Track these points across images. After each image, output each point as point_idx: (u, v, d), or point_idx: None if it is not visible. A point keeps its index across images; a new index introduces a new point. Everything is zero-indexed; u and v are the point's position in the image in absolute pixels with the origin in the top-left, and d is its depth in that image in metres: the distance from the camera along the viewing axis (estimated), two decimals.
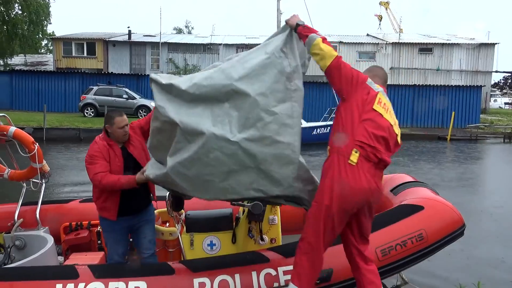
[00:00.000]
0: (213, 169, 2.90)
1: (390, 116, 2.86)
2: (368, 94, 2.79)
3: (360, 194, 2.70)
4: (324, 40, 2.77)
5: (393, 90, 26.49)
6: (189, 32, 54.41)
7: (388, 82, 21.03)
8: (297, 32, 2.87)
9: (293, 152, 2.87)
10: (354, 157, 2.66)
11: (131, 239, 4.06)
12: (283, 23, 3.14)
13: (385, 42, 34.07)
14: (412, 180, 4.82)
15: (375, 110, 2.77)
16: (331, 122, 19.01)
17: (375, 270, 3.07)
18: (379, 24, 43.05)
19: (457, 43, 33.98)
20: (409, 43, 34.02)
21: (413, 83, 29.12)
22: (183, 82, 3.00)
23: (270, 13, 21.60)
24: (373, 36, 37.55)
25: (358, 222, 2.94)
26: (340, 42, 33.62)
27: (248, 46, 33.05)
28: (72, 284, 3.19)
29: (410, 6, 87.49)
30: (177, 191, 3.26)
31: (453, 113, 23.56)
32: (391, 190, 4.65)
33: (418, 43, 34.13)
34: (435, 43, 34.14)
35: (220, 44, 33.24)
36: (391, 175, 5.15)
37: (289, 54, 2.93)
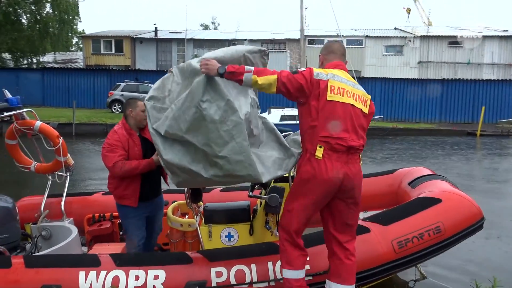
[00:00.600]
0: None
1: (348, 96, 2.91)
2: (319, 88, 2.86)
3: (328, 184, 2.87)
4: (256, 72, 2.80)
5: (421, 85, 25.96)
6: (215, 28, 54.69)
7: (416, 77, 20.72)
8: (226, 78, 2.86)
9: (254, 173, 3.07)
10: (319, 152, 2.85)
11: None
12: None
13: (413, 36, 33.29)
14: (431, 173, 4.75)
15: (330, 101, 2.86)
16: None
17: (351, 266, 3.11)
18: (408, 17, 42.13)
19: (489, 35, 32.86)
20: (438, 36, 33.12)
21: (442, 77, 28.39)
22: (162, 122, 3.19)
23: (295, 7, 21.61)
24: (401, 30, 36.75)
25: (337, 210, 3.04)
26: (366, 36, 33.09)
27: (273, 42, 33.01)
28: (95, 272, 3.33)
29: None
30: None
31: (483, 107, 22.87)
32: (409, 183, 4.61)
33: (448, 36, 33.19)
34: (465, 36, 33.12)
35: (245, 40, 33.27)
36: (409, 168, 5.08)
37: (213, 98, 2.94)
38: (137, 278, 3.33)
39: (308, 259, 3.37)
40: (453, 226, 3.72)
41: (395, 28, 38.22)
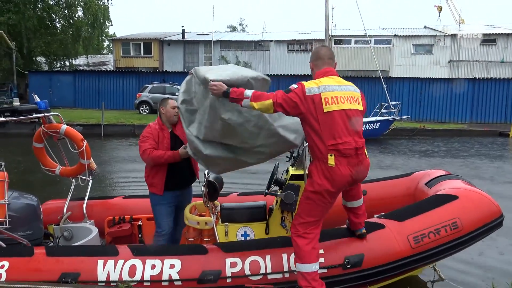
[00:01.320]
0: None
1: (342, 101, 3.12)
2: (314, 103, 3.07)
3: (342, 185, 3.18)
4: (253, 99, 3.07)
5: (451, 84, 25.28)
6: (243, 30, 55.00)
7: (446, 76, 20.16)
8: (229, 101, 3.20)
9: (289, 143, 3.66)
10: (331, 160, 3.07)
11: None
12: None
13: (443, 34, 32.45)
14: (446, 173, 4.68)
15: (327, 112, 3.07)
16: (381, 118, 18.58)
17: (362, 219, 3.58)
18: (439, 16, 41.13)
19: None
20: (471, 34, 32.14)
21: (474, 77, 27.54)
22: (197, 127, 3.68)
23: (322, 8, 21.41)
24: (431, 28, 35.90)
25: (346, 191, 3.46)
26: (395, 36, 32.49)
27: (299, 42, 32.90)
28: (112, 260, 3.45)
29: None
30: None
31: None
32: (426, 184, 4.57)
33: (481, 34, 32.15)
34: (499, 34, 32.01)
35: (271, 41, 33.30)
36: (426, 170, 5.04)
37: (231, 107, 3.34)
38: (153, 267, 3.43)
39: (322, 252, 3.44)
40: (471, 222, 3.65)
41: (425, 27, 37.38)
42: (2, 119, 4.04)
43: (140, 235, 5.02)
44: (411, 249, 3.53)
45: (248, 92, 3.10)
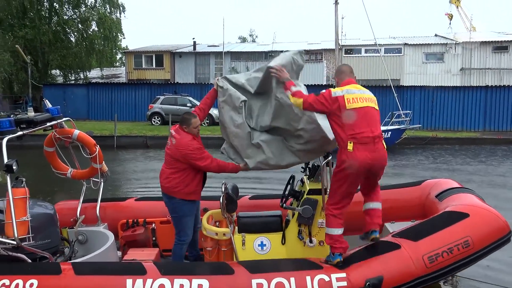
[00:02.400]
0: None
1: (362, 101, 3.82)
2: (338, 102, 3.78)
3: (360, 166, 3.73)
4: (293, 94, 3.89)
5: (463, 92, 25.11)
6: (253, 41, 55.36)
7: (458, 84, 20.12)
8: (283, 85, 4.03)
9: (325, 135, 4.13)
10: (350, 146, 3.72)
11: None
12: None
13: (454, 42, 32.33)
14: (458, 186, 4.74)
15: (349, 109, 3.77)
16: (392, 127, 18.52)
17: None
18: (449, 23, 41.02)
19: None
20: (482, 41, 31.99)
21: (486, 84, 27.32)
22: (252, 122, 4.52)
23: (331, 17, 21.56)
24: (442, 36, 35.78)
25: (366, 182, 4.03)
26: (405, 44, 32.47)
27: (309, 52, 33.02)
28: (141, 280, 3.52)
29: (484, 2, 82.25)
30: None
31: None
32: (436, 196, 4.64)
33: (492, 41, 31.99)
34: (511, 41, 31.80)
35: (281, 51, 33.40)
36: (436, 180, 5.08)
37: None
38: (181, 286, 3.50)
39: (344, 275, 3.63)
40: (481, 240, 3.80)
41: (436, 35, 37.28)
42: (20, 133, 4.02)
43: (154, 238, 5.08)
44: (426, 268, 3.66)
45: (293, 88, 3.89)
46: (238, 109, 4.36)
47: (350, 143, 3.71)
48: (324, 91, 3.87)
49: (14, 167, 3.63)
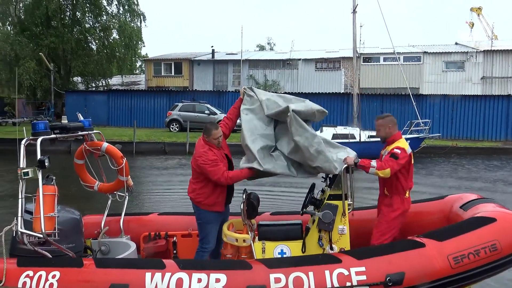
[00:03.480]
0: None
1: (412, 157, 4.49)
2: (409, 159, 4.40)
3: (409, 206, 4.52)
4: (378, 168, 4.20)
5: (484, 101, 24.74)
6: (271, 49, 55.59)
7: (479, 93, 20.02)
8: (358, 166, 4.27)
9: (335, 169, 4.36)
10: (407, 193, 4.46)
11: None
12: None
13: (475, 50, 31.89)
14: (480, 197, 4.70)
15: (412, 163, 4.49)
16: (411, 136, 18.29)
17: None
18: (471, 32, 40.55)
19: None
20: (504, 50, 31.46)
21: (508, 93, 26.84)
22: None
23: (350, 25, 21.45)
24: (463, 45, 35.35)
25: None
26: (425, 52, 32.17)
27: (327, 60, 33.00)
28: (160, 273, 3.57)
29: (506, 10, 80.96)
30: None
31: None
32: (461, 207, 4.58)
33: None
34: None
35: (299, 59, 33.56)
36: (459, 194, 5.05)
37: (301, 132, 4.29)
38: (199, 280, 3.53)
39: (364, 269, 3.60)
40: (510, 245, 3.70)
41: (456, 43, 36.86)
42: (53, 135, 4.24)
43: (175, 252, 5.13)
44: (451, 269, 3.58)
45: (374, 163, 4.22)
46: (265, 120, 4.55)
47: (407, 191, 4.44)
48: (399, 151, 4.27)
49: (46, 163, 3.80)
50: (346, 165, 4.27)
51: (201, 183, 4.47)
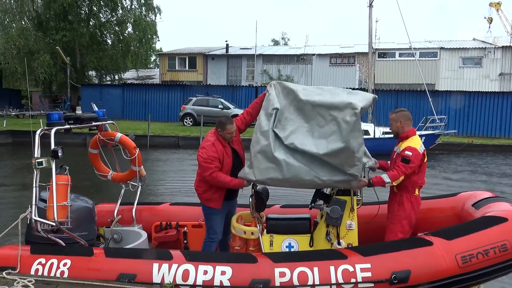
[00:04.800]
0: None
1: (425, 156, 4.42)
2: (422, 157, 4.32)
3: (419, 204, 4.49)
4: (392, 180, 4.18)
5: (501, 98, 24.31)
6: (285, 44, 55.40)
7: (497, 90, 19.72)
8: (374, 184, 4.23)
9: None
10: (416, 191, 4.43)
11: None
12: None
13: (493, 46, 31.29)
14: (493, 195, 4.62)
15: (424, 162, 4.40)
16: (426, 132, 18.09)
17: None
18: (489, 27, 39.72)
19: None
20: None
21: None
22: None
23: (365, 20, 21.36)
24: (480, 40, 34.71)
25: None
26: (441, 48, 31.69)
27: (342, 56, 32.75)
28: (167, 265, 3.63)
29: None
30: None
31: None
32: (473, 205, 4.52)
33: None
34: None
35: (313, 54, 33.37)
36: (472, 192, 4.97)
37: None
38: (205, 272, 3.58)
39: (369, 266, 3.58)
40: None
41: (474, 39, 36.22)
42: (67, 126, 4.32)
43: (185, 241, 5.19)
44: (459, 268, 3.54)
45: (387, 179, 4.17)
46: (269, 116, 4.17)
47: (417, 189, 4.39)
48: (409, 153, 4.22)
49: (59, 154, 3.88)
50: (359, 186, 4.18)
51: (199, 176, 4.51)
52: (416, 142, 4.32)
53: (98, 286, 3.38)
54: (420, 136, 17.85)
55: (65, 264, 3.69)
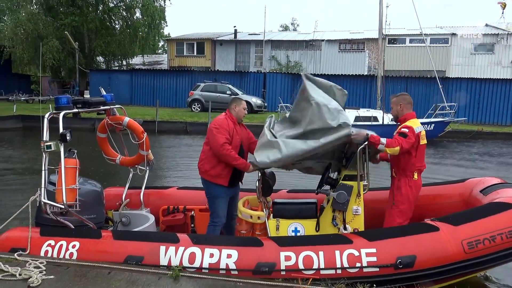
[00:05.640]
0: None
1: (424, 138, 4.41)
2: (417, 138, 4.30)
3: (419, 188, 4.46)
4: (387, 145, 4.18)
5: None
6: (294, 29, 54.87)
7: (509, 77, 19.38)
8: (369, 141, 4.16)
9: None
10: (416, 175, 4.41)
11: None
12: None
13: (506, 33, 30.70)
14: (502, 182, 4.58)
15: (421, 144, 4.37)
16: (435, 119, 17.93)
17: None
18: (502, 13, 38.94)
19: None
20: None
21: None
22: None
23: (375, 6, 21.07)
24: (493, 26, 34.08)
25: None
26: (453, 34, 31.18)
27: (351, 42, 32.37)
28: (174, 247, 3.68)
29: None
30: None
31: None
32: (481, 191, 4.52)
33: None
34: None
35: (322, 40, 33.04)
36: (480, 178, 4.94)
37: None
38: (211, 255, 3.62)
39: (375, 250, 3.58)
40: None
41: (486, 25, 35.56)
42: (75, 110, 4.35)
43: (192, 225, 5.24)
44: (465, 254, 3.54)
45: (383, 140, 4.19)
46: (268, 124, 4.57)
47: (415, 173, 4.36)
48: (406, 130, 4.24)
49: (67, 137, 3.92)
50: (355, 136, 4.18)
51: (209, 152, 4.53)
52: (413, 123, 4.34)
53: (108, 268, 3.42)
54: (430, 123, 17.82)
55: (74, 246, 3.75)
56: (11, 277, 3.29)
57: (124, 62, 34.68)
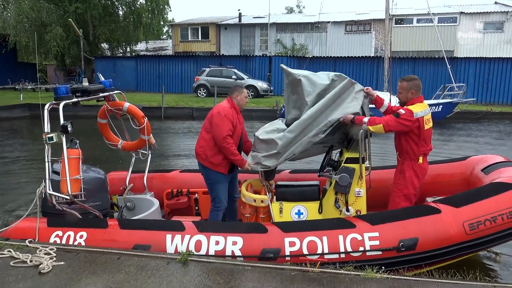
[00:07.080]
0: None
1: (430, 121, 4.28)
2: (419, 122, 4.13)
3: (425, 172, 4.37)
4: (369, 123, 4.05)
5: None
6: (300, 12, 54.20)
7: None
8: (354, 121, 4.12)
9: None
10: (421, 159, 4.31)
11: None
12: None
13: None
14: (505, 160, 4.55)
15: (426, 129, 4.21)
16: (444, 100, 17.74)
17: None
18: None
19: None
20: None
21: None
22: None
23: None
24: (503, 4, 33.35)
25: None
26: (461, 13, 30.58)
27: (357, 23, 31.92)
28: (180, 235, 3.72)
29: None
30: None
31: None
32: (482, 170, 4.51)
33: None
34: None
35: (328, 22, 32.60)
36: (482, 155, 4.92)
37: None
38: (217, 243, 3.66)
39: (377, 234, 3.61)
40: None
41: (496, 3, 34.81)
42: (75, 99, 4.33)
43: (196, 208, 5.28)
44: (466, 235, 3.58)
45: (365, 119, 4.07)
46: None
47: (421, 157, 4.26)
48: (403, 111, 4.09)
49: (69, 128, 3.93)
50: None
51: (211, 140, 4.56)
52: (416, 107, 4.15)
53: (117, 254, 3.45)
54: (438, 104, 17.62)
55: (81, 236, 3.80)
56: (22, 264, 3.34)
57: (129, 49, 34.56)
